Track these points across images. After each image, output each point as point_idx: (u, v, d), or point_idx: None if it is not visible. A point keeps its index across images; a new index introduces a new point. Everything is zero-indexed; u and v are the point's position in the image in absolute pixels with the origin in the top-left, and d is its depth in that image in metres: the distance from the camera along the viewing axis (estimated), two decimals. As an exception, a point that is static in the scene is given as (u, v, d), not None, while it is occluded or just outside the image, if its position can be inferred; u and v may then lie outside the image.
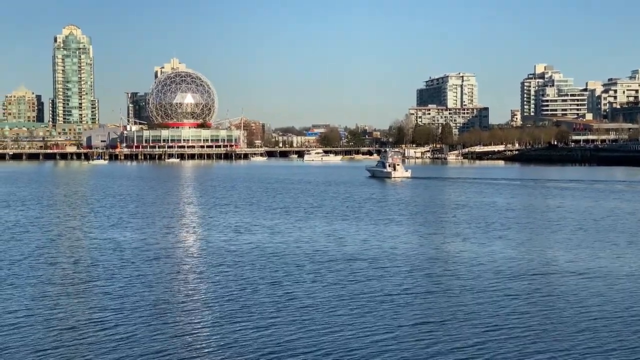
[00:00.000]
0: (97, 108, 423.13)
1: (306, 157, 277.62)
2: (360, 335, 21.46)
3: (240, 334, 21.75)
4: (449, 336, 21.40)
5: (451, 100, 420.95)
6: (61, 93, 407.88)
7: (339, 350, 20.08)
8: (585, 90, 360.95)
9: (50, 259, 35.50)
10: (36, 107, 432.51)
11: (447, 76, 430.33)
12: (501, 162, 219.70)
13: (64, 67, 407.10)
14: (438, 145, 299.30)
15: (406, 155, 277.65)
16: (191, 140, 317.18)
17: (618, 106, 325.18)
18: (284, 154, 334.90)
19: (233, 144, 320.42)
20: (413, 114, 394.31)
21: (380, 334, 21.67)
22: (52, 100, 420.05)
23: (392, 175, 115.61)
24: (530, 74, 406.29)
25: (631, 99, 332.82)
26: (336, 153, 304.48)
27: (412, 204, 68.39)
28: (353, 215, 56.51)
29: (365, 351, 20.00)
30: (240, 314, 24.14)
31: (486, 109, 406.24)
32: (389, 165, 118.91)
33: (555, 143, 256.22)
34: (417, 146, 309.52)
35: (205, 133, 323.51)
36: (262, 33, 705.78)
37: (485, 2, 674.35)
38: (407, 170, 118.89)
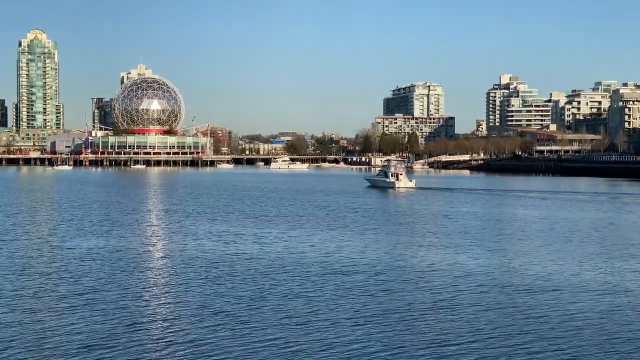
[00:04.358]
0: (62, 113, 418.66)
1: (273, 164, 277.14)
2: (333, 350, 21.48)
3: (200, 342, 21.72)
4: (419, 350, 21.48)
5: (418, 109, 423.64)
6: (25, 97, 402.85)
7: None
8: (550, 101, 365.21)
9: (6, 268, 35.00)
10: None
11: (414, 85, 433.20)
12: (467, 172, 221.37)
13: (28, 71, 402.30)
14: (404, 154, 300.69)
15: (372, 163, 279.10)
16: (157, 146, 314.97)
17: (581, 117, 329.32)
18: (251, 162, 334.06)
19: (199, 150, 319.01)
20: (380, 122, 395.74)
21: (351, 344, 21.73)
22: (16, 105, 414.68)
23: (396, 186, 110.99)
24: (496, 85, 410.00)
25: (594, 110, 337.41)
26: (303, 161, 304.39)
27: (418, 215, 67.41)
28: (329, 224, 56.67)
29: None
30: (201, 320, 24.09)
31: (452, 118, 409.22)
32: (392, 175, 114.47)
33: (520, 153, 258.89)
34: (383, 155, 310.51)
35: (171, 140, 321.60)
36: (229, 40, 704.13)
37: (452, 13, 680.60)
38: (410, 180, 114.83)
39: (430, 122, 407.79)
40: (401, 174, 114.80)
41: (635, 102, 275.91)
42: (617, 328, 24.10)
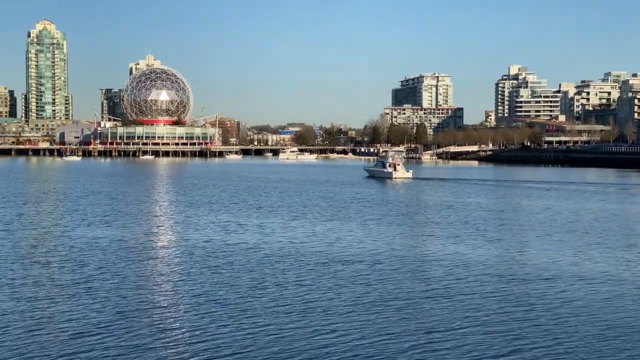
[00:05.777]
0: (70, 104, 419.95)
1: (281, 155, 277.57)
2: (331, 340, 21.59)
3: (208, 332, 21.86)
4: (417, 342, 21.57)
5: (426, 100, 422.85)
6: (34, 88, 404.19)
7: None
8: (559, 91, 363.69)
9: (17, 257, 35.23)
10: (9, 103, 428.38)
11: (423, 76, 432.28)
12: (475, 163, 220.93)
13: (37, 62, 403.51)
14: (413, 145, 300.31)
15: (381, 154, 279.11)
16: (166, 137, 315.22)
17: (590, 108, 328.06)
18: (259, 152, 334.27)
19: (208, 141, 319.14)
20: (388, 113, 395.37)
21: (350, 333, 21.81)
22: (25, 96, 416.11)
23: (393, 176, 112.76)
24: (505, 75, 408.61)
25: (603, 101, 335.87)
26: (311, 152, 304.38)
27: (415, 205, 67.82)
28: (332, 215, 56.67)
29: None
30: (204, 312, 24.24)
31: (461, 109, 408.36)
32: (390, 166, 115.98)
33: (529, 144, 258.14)
34: (392, 145, 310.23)
35: (180, 130, 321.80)
36: (237, 32, 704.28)
37: (461, 4, 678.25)
38: (408, 171, 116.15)
39: (439, 113, 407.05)
40: (398, 165, 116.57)
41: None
42: (616, 317, 24.15)
